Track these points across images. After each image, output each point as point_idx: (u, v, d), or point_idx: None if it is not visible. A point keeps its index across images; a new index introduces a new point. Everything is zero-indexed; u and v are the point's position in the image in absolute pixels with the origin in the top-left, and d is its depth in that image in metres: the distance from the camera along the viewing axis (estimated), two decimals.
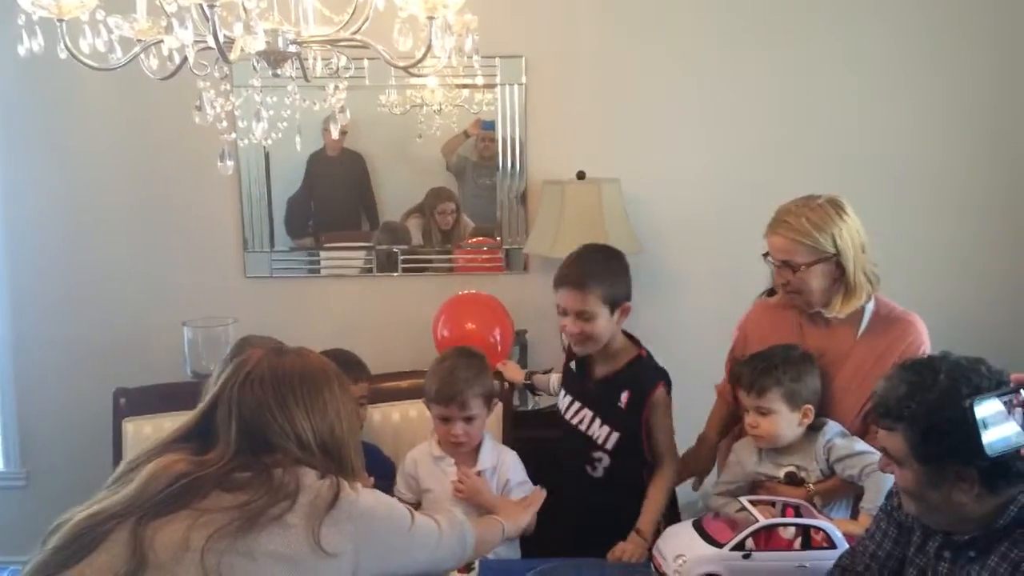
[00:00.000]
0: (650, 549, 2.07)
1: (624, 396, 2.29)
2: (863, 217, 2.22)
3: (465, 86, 3.33)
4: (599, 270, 2.27)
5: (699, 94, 3.35)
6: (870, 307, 2.23)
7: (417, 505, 2.38)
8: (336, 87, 1.69)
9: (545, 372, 2.94)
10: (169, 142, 3.31)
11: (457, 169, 3.46)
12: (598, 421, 2.33)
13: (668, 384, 2.35)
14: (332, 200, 3.53)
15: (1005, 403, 1.28)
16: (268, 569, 1.40)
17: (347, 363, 2.44)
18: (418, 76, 2.29)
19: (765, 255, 2.24)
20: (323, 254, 3.52)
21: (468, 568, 1.98)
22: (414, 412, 2.67)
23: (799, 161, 3.28)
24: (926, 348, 2.17)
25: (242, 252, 3.45)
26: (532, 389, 2.96)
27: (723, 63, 3.32)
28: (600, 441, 2.33)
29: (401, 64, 1.51)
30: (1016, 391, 1.27)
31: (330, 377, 1.64)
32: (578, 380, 2.43)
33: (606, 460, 2.33)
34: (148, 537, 1.38)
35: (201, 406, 1.61)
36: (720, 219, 3.34)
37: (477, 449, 2.35)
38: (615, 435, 2.31)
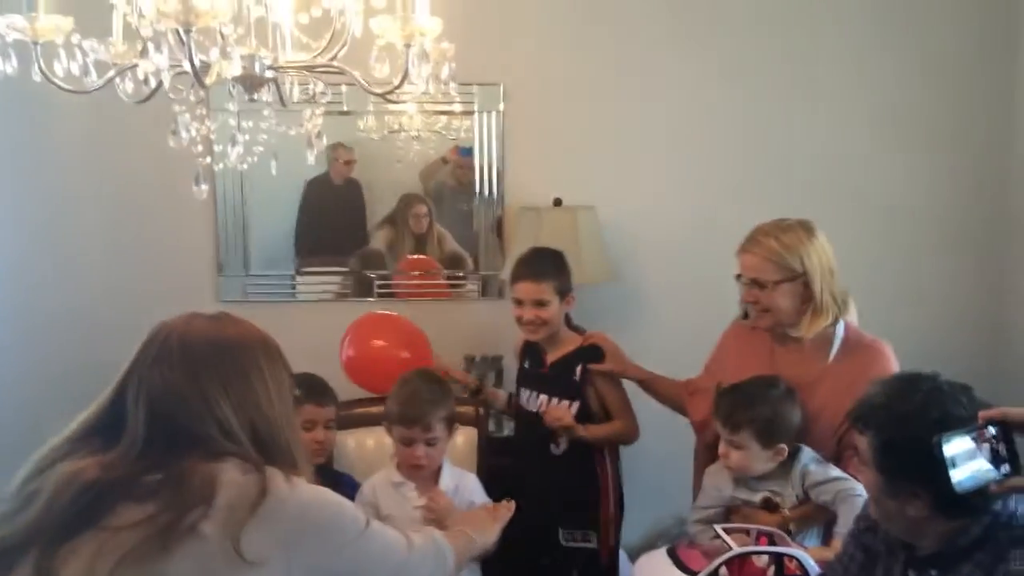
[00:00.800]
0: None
1: (579, 369, 2.66)
2: (834, 243, 2.26)
3: (443, 112, 3.34)
4: (550, 265, 2.66)
5: (674, 122, 3.39)
6: (839, 333, 2.26)
7: None
8: (313, 113, 1.70)
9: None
10: (144, 166, 3.29)
11: (435, 195, 3.48)
12: (555, 400, 2.66)
13: None
14: (328, 226, 3.53)
15: (973, 439, 1.29)
16: None
17: (312, 387, 2.46)
18: (395, 102, 2.30)
19: (737, 276, 2.29)
20: (299, 279, 3.51)
21: None
22: (388, 439, 2.64)
23: (772, 188, 3.31)
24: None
25: (216, 276, 3.43)
26: (478, 392, 3.00)
27: (697, 91, 3.36)
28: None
29: (378, 91, 1.52)
30: (983, 427, 1.28)
31: (253, 346, 1.39)
32: (532, 372, 2.76)
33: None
34: (54, 569, 1.20)
35: (108, 391, 1.37)
36: (694, 246, 3.36)
37: (437, 473, 2.35)
38: (575, 405, 2.64)
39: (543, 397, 2.69)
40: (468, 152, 3.41)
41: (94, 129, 3.31)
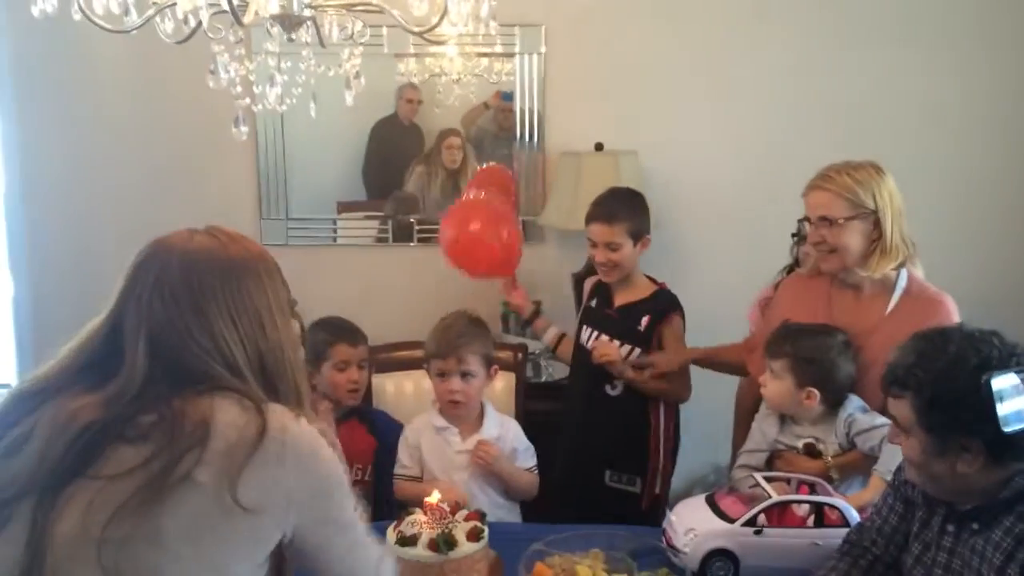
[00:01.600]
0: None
1: (645, 320, 2.62)
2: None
3: (484, 55, 3.29)
4: (625, 207, 2.61)
5: (719, 66, 3.31)
6: (902, 284, 2.21)
7: (420, 478, 2.39)
8: (351, 53, 1.67)
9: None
10: (184, 107, 3.29)
11: (476, 140, 3.44)
12: (617, 343, 2.62)
13: (683, 316, 2.67)
14: (392, 168, 3.50)
15: (1020, 376, 1.26)
16: (179, 551, 1.12)
17: (342, 328, 2.54)
18: (435, 43, 2.26)
19: (801, 220, 2.26)
20: (340, 223, 3.51)
21: (478, 535, 1.97)
22: (427, 383, 2.65)
23: (820, 135, 3.22)
24: None
25: (259, 219, 3.44)
26: (529, 323, 3.03)
27: (745, 35, 3.27)
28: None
29: (416, 29, 1.49)
30: None
31: (255, 265, 1.28)
32: (599, 312, 2.71)
33: None
34: (49, 524, 1.12)
35: (101, 319, 1.26)
36: (738, 193, 3.30)
37: (480, 419, 2.37)
38: (636, 351, 2.61)
39: (604, 337, 2.66)
40: (509, 97, 3.37)
41: (135, 70, 3.32)
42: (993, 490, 1.48)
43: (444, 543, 1.92)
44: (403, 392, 2.73)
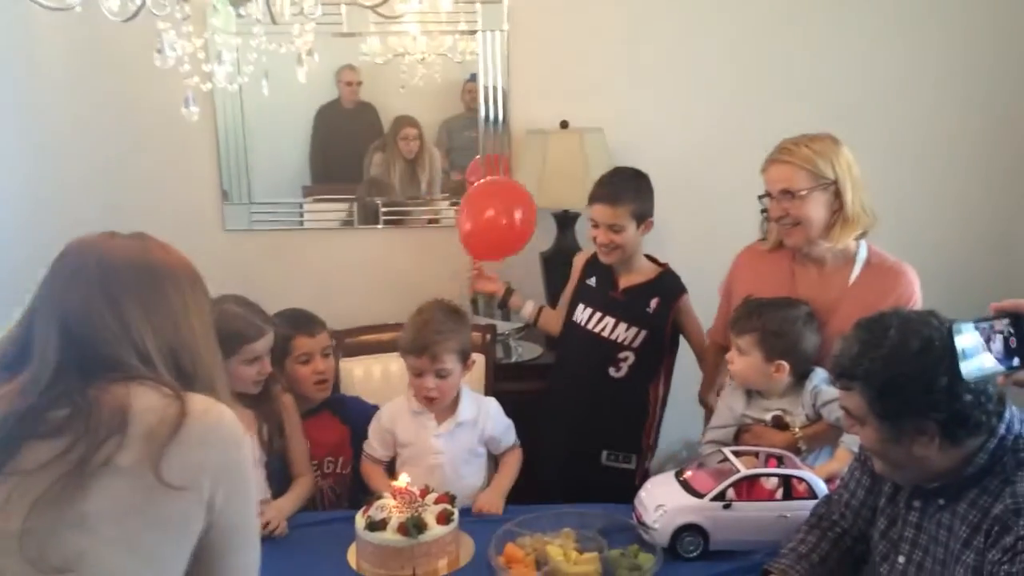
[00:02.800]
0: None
1: (653, 302, 2.60)
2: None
3: (447, 32, 3.24)
4: (629, 188, 2.55)
5: (684, 41, 3.28)
6: (862, 255, 2.23)
7: (392, 462, 2.37)
8: (303, 29, 1.63)
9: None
10: (138, 90, 3.19)
11: (445, 125, 3.39)
12: (624, 325, 2.59)
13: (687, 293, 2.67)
14: (342, 153, 3.44)
15: (982, 332, 1.26)
16: (105, 534, 1.11)
17: (297, 320, 2.45)
18: (390, 17, 2.22)
19: (761, 196, 2.26)
20: (306, 207, 3.46)
21: (448, 518, 1.96)
22: (395, 366, 2.63)
23: (786, 109, 3.21)
24: (917, 298, 2.18)
25: (221, 204, 3.39)
26: (504, 304, 3.00)
27: (709, 8, 3.25)
28: (627, 342, 2.60)
29: (368, 3, 1.45)
30: (995, 319, 1.25)
31: (176, 272, 1.29)
32: (600, 293, 2.66)
33: (632, 358, 2.61)
34: None
35: (16, 318, 1.25)
36: (705, 169, 3.29)
37: (456, 403, 2.34)
38: (643, 333, 2.59)
39: (609, 320, 2.61)
40: (473, 78, 3.32)
41: (84, 51, 3.21)
42: (957, 468, 1.49)
43: (414, 526, 1.90)
44: (372, 376, 2.70)
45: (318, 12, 1.60)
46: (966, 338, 1.27)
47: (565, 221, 3.16)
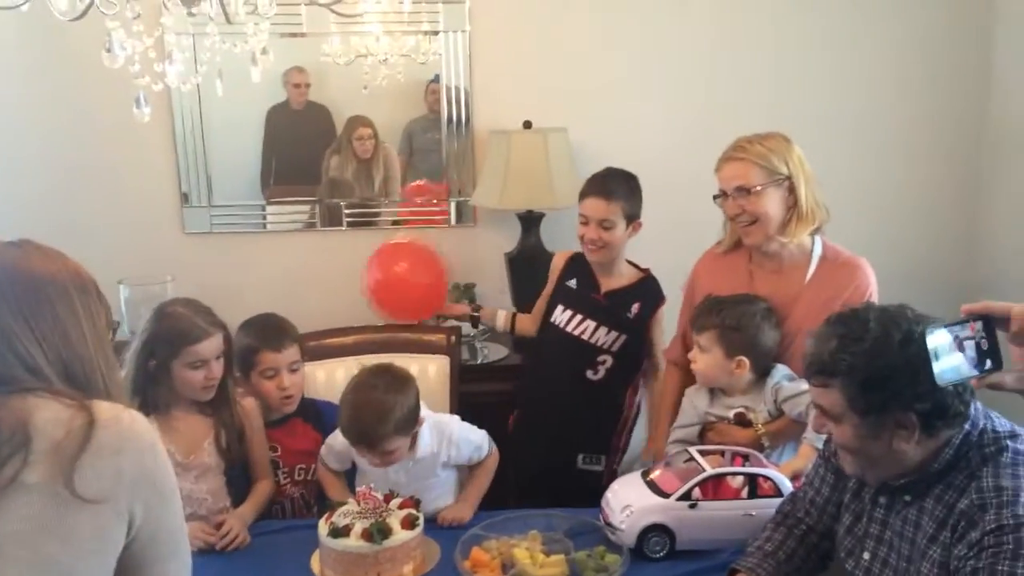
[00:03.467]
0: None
1: (635, 307, 2.59)
2: (814, 159, 2.26)
3: (410, 33, 3.21)
4: (623, 186, 2.55)
5: (646, 40, 3.28)
6: (817, 251, 2.25)
7: (352, 470, 2.30)
8: (256, 28, 1.59)
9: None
10: (95, 89, 3.11)
11: (408, 128, 3.37)
12: (604, 329, 2.58)
13: None
14: (295, 155, 3.39)
15: (953, 334, 1.25)
16: (16, 555, 1.06)
17: (265, 332, 2.35)
18: (350, 18, 2.19)
19: (716, 196, 2.26)
20: (269, 209, 3.41)
21: (413, 523, 1.94)
22: (359, 368, 2.60)
23: (748, 107, 3.23)
24: (873, 291, 2.20)
25: (180, 207, 3.33)
26: (476, 321, 3.01)
27: (671, 8, 3.26)
28: (607, 346, 2.59)
29: (324, 1, 1.42)
30: (966, 321, 1.25)
31: (61, 278, 1.22)
32: (582, 295, 2.63)
33: (610, 361, 2.60)
34: None
35: None
36: (669, 168, 3.27)
37: (413, 440, 2.16)
38: (623, 337, 2.58)
39: (590, 323, 2.59)
40: (437, 79, 3.29)
41: (38, 50, 3.13)
42: (925, 463, 1.48)
43: (378, 532, 1.88)
44: (335, 380, 2.65)
45: (272, 11, 1.57)
46: (939, 342, 1.26)
47: (529, 222, 3.15)
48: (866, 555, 1.60)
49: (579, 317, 2.61)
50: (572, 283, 2.67)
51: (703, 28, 3.27)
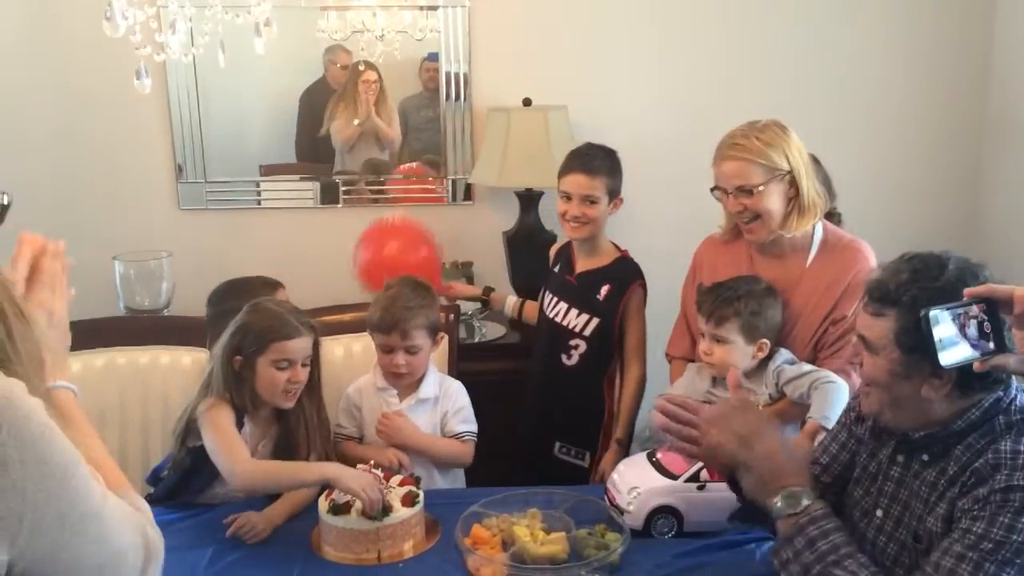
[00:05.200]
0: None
1: (604, 289, 2.54)
2: (812, 143, 2.23)
3: (407, 7, 3.18)
4: (605, 161, 2.53)
5: (647, 18, 3.26)
6: (818, 235, 2.23)
7: (360, 439, 2.34)
8: None
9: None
10: (88, 60, 3.09)
11: (402, 108, 3.35)
12: (575, 311, 2.55)
13: (644, 286, 2.59)
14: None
15: (957, 316, 1.25)
16: None
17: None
18: None
19: (713, 189, 2.23)
20: (263, 185, 3.38)
21: (413, 500, 1.93)
22: (358, 346, 2.59)
23: (749, 87, 3.23)
24: None
25: (175, 183, 3.30)
26: (486, 303, 2.99)
27: None
28: (578, 329, 2.55)
29: None
30: (970, 304, 1.24)
31: None
32: (559, 277, 2.63)
33: (583, 347, 2.55)
34: None
35: None
36: (671, 147, 3.28)
37: (420, 380, 2.31)
38: (594, 321, 2.53)
39: (562, 304, 2.58)
40: (435, 57, 3.26)
41: (25, 23, 3.09)
42: (949, 420, 1.46)
43: (379, 509, 1.87)
44: (334, 357, 2.63)
45: None
46: (942, 327, 1.26)
47: (528, 200, 3.13)
48: (879, 512, 1.58)
49: (555, 299, 2.61)
50: (557, 268, 2.67)
51: (705, 5, 3.25)
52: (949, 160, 3.41)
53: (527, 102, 3.08)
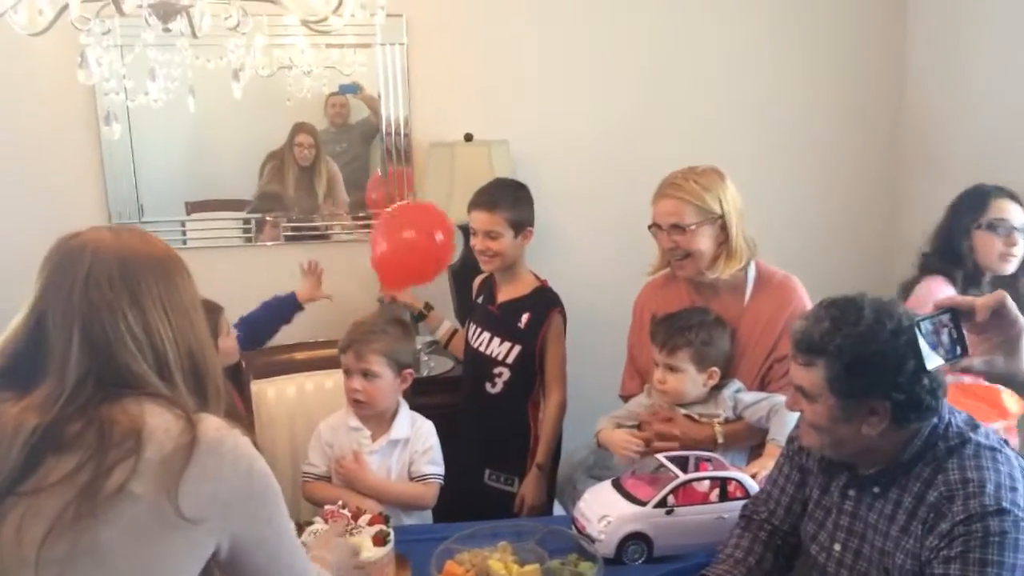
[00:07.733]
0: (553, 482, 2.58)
1: (525, 317, 2.61)
2: (743, 178, 2.34)
3: (335, 46, 3.15)
4: (508, 197, 2.60)
5: (587, 52, 3.34)
6: (752, 274, 2.34)
7: (330, 479, 2.31)
8: (238, 44, 1.56)
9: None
10: (18, 107, 2.99)
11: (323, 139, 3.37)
12: (497, 340, 2.62)
13: (563, 313, 2.66)
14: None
15: (934, 326, 1.35)
16: (119, 565, 1.07)
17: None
18: (321, 32, 2.15)
19: (651, 226, 2.32)
20: (189, 224, 3.32)
21: (384, 539, 1.92)
22: (310, 384, 2.58)
23: (686, 122, 3.32)
24: (807, 305, 2.27)
25: (108, 223, 3.20)
26: (422, 318, 3.01)
27: (610, 22, 3.32)
28: (501, 357, 2.62)
29: (309, 18, 1.41)
30: (939, 314, 1.35)
31: (180, 265, 1.23)
32: (482, 308, 2.71)
33: (506, 374, 2.63)
34: None
35: (20, 319, 1.16)
36: (610, 180, 3.35)
37: (392, 418, 2.31)
38: (516, 348, 2.61)
39: (486, 334, 2.65)
40: (351, 89, 3.29)
41: None
42: (894, 453, 1.56)
43: None
44: (286, 397, 2.61)
45: (251, 24, 1.54)
46: (926, 336, 1.36)
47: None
48: (837, 547, 1.66)
49: (479, 329, 2.68)
50: (480, 299, 2.75)
51: (639, 38, 3.35)
52: (867, 185, 3.56)
53: (468, 137, 3.12)
